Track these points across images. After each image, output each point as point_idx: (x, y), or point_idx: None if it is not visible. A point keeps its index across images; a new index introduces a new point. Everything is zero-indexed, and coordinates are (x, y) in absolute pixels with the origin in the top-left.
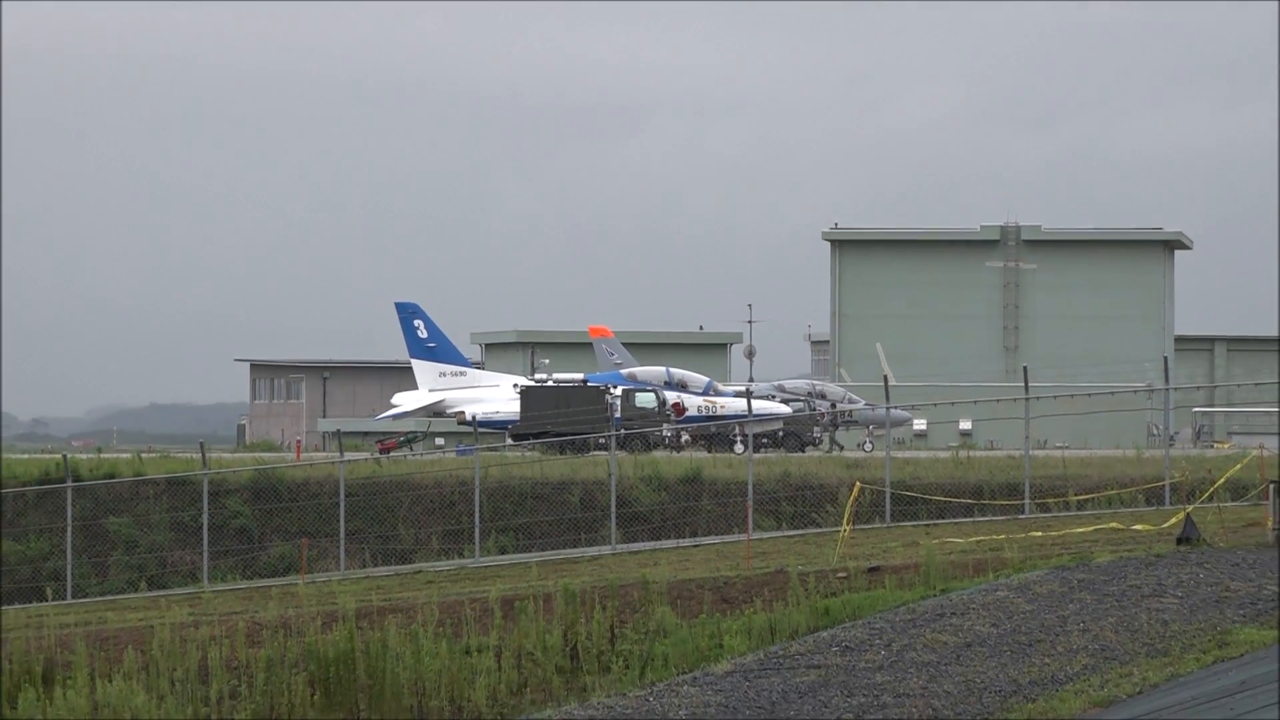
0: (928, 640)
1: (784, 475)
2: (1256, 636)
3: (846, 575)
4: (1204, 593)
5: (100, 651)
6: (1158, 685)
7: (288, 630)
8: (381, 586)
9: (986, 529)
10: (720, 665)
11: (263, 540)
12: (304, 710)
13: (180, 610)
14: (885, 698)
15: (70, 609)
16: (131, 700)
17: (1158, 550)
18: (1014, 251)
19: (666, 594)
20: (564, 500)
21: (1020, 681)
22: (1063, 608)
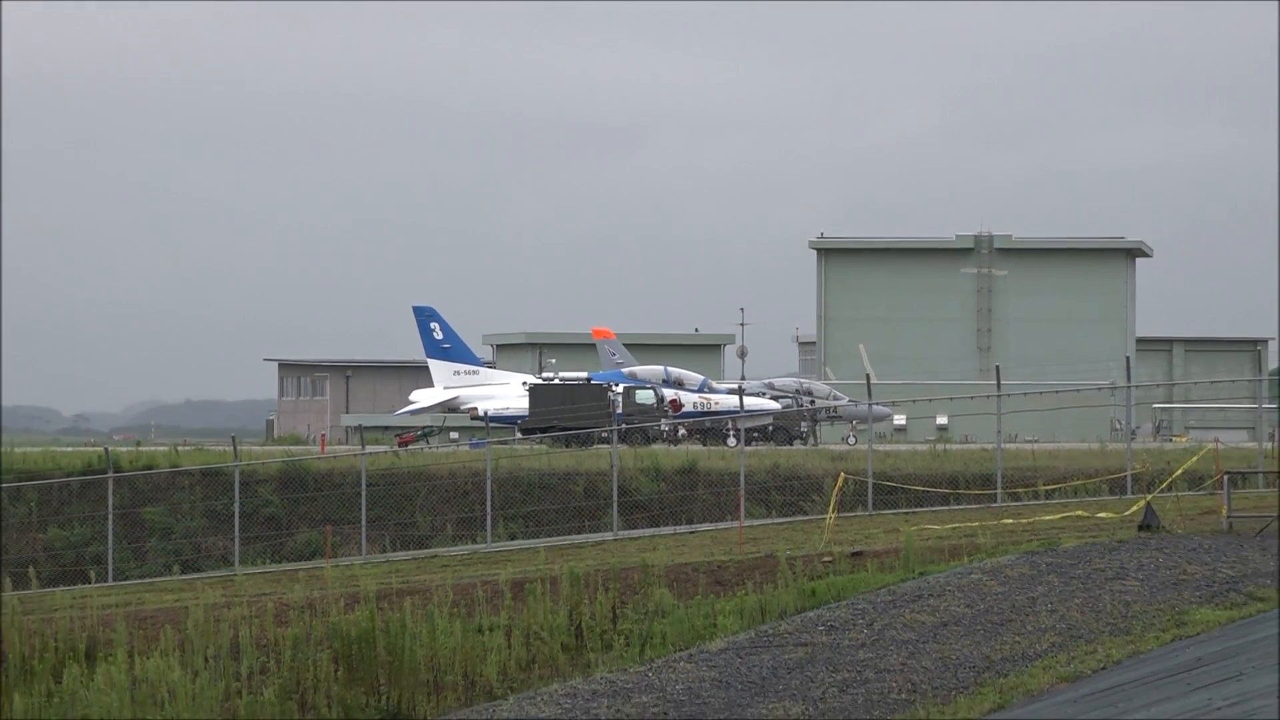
0: (907, 620)
1: (774, 467)
2: (1212, 616)
3: (831, 559)
4: (1163, 576)
5: (139, 630)
6: (1120, 662)
7: (313, 610)
8: (400, 570)
9: (961, 516)
10: (714, 643)
11: (290, 527)
12: (328, 685)
13: (213, 592)
14: (867, 673)
15: (111, 591)
16: (168, 675)
17: (1120, 536)
18: (987, 259)
19: (664, 577)
20: (569, 490)
21: (992, 658)
22: (1032, 589)
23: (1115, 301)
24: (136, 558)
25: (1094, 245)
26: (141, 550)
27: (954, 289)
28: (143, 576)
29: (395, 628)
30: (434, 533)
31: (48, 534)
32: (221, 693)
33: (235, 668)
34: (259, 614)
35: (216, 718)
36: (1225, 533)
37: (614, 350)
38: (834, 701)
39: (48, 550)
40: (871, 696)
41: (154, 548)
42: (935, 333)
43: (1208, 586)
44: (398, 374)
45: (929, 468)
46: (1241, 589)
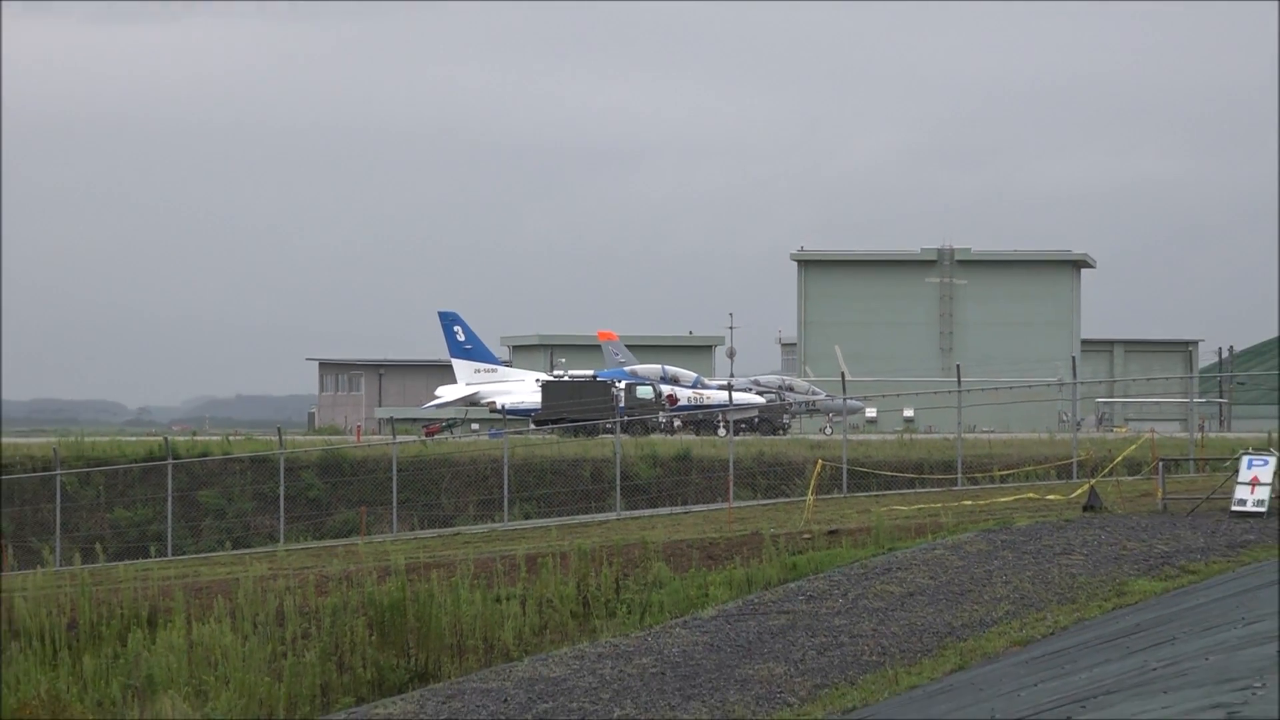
0: (877, 590)
1: (759, 454)
2: (1148, 587)
3: (810, 537)
4: (1105, 551)
5: (195, 599)
6: (1066, 627)
7: (350, 582)
8: (427, 546)
9: (926, 499)
10: (706, 611)
11: (329, 508)
12: (363, 648)
13: (261, 566)
14: (842, 638)
15: (170, 564)
16: (221, 639)
17: (1067, 516)
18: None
19: (662, 552)
20: (577, 475)
21: (954, 624)
22: (988, 564)
23: (1062, 307)
24: (193, 535)
25: (1043, 258)
26: (197, 528)
27: (919, 296)
28: (198, 552)
29: (423, 597)
30: (457, 513)
31: (114, 514)
32: (268, 655)
33: (281, 633)
34: (301, 585)
35: (264, 677)
36: (1160, 513)
37: (617, 351)
38: (813, 663)
39: (114, 528)
40: (846, 658)
41: (208, 526)
42: (902, 335)
43: (1145, 561)
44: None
45: (897, 455)
46: (1175, 563)
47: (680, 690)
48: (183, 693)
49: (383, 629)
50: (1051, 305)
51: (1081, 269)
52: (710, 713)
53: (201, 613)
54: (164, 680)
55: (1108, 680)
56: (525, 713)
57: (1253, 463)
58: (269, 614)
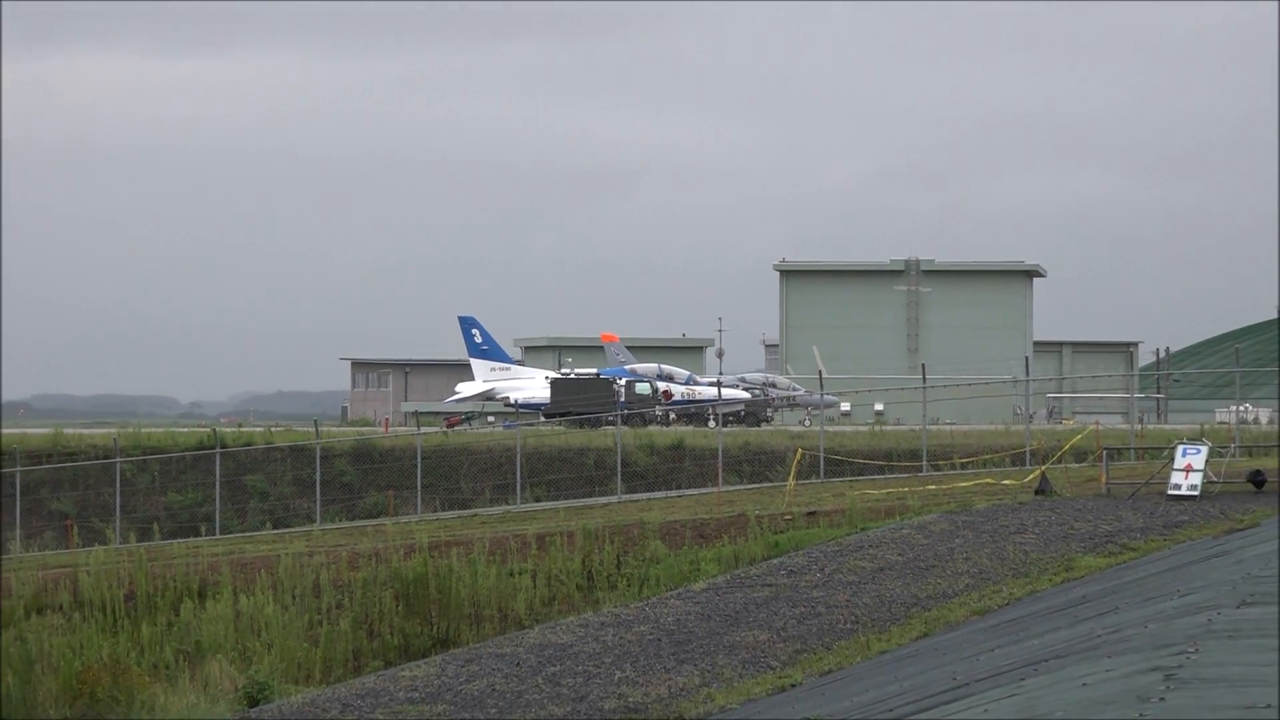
0: (851, 566)
1: (745, 444)
2: (1094, 563)
3: (791, 518)
4: (1055, 530)
5: (240, 573)
6: (1020, 599)
7: (378, 558)
8: (447, 526)
9: (894, 484)
10: (698, 584)
11: (360, 492)
12: (391, 617)
13: (299, 543)
14: (820, 608)
15: (218, 542)
16: (264, 609)
17: (1021, 499)
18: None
19: (658, 531)
20: (582, 462)
21: (919, 596)
22: (950, 542)
23: (1017, 312)
24: (238, 516)
25: (999, 268)
26: (242, 510)
27: (888, 303)
28: (243, 531)
29: (444, 572)
30: (474, 496)
31: (167, 497)
32: (306, 623)
33: (317, 603)
34: (335, 561)
35: (302, 643)
36: (1104, 496)
37: (618, 351)
38: (793, 631)
39: (167, 510)
40: (823, 626)
41: (252, 508)
42: (873, 338)
43: (1090, 539)
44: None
45: (868, 445)
46: (1117, 541)
47: (674, 655)
48: (229, 657)
49: (408, 600)
50: (1006, 310)
51: (1033, 278)
52: (701, 675)
53: (246, 585)
54: (212, 646)
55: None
56: (535, 675)
57: (1187, 451)
58: (306, 587)
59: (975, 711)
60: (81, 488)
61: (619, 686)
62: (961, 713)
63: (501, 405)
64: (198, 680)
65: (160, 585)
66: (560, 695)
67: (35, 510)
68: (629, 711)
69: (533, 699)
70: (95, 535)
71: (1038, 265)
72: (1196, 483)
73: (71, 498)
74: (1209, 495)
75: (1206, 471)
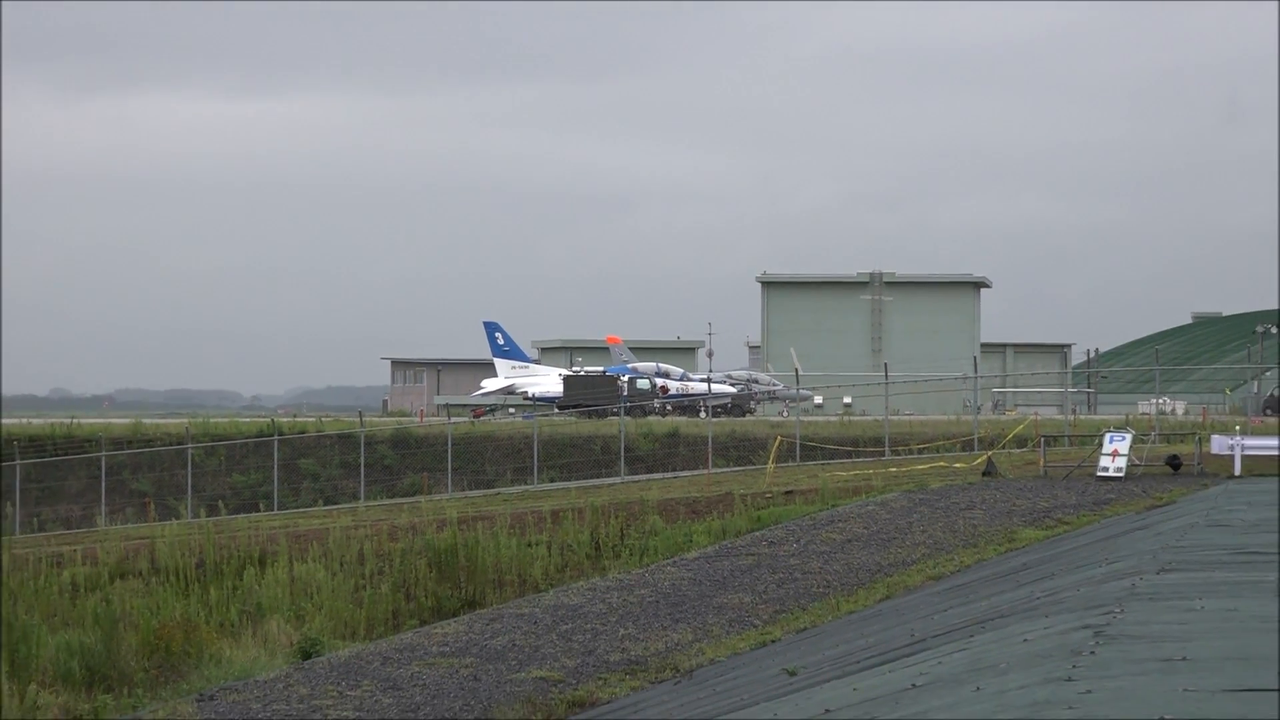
0: (823, 538)
1: (731, 432)
2: (1033, 535)
3: (771, 496)
4: (999, 507)
5: (295, 544)
6: (970, 566)
7: (414, 531)
8: (474, 503)
9: (860, 466)
10: (691, 553)
11: (399, 473)
12: (425, 582)
13: (345, 518)
14: (796, 574)
15: (275, 517)
16: (315, 575)
17: (969, 480)
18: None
19: (656, 508)
20: (590, 448)
21: (882, 564)
22: (909, 517)
23: (966, 318)
24: (293, 494)
25: (951, 279)
26: (297, 489)
27: (855, 310)
28: (297, 507)
29: (471, 543)
30: (497, 477)
31: (232, 478)
32: (351, 587)
33: (361, 570)
34: (377, 533)
35: (348, 604)
36: (1042, 477)
37: (621, 352)
38: (773, 593)
39: (232, 489)
40: (799, 589)
41: (305, 487)
42: (843, 340)
43: (1030, 514)
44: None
45: (838, 433)
46: (1053, 516)
47: (670, 614)
48: (285, 616)
49: (440, 567)
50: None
51: (980, 288)
52: (694, 632)
53: (300, 555)
54: (270, 606)
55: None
56: (550, 632)
57: (1113, 438)
58: (352, 556)
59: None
60: (158, 470)
61: (622, 642)
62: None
63: (520, 399)
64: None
65: (226, 554)
66: (572, 649)
67: (118, 489)
68: (631, 663)
69: (548, 652)
70: (170, 511)
71: (984, 277)
72: (1122, 465)
73: (149, 478)
74: (1132, 476)
75: (1130, 456)
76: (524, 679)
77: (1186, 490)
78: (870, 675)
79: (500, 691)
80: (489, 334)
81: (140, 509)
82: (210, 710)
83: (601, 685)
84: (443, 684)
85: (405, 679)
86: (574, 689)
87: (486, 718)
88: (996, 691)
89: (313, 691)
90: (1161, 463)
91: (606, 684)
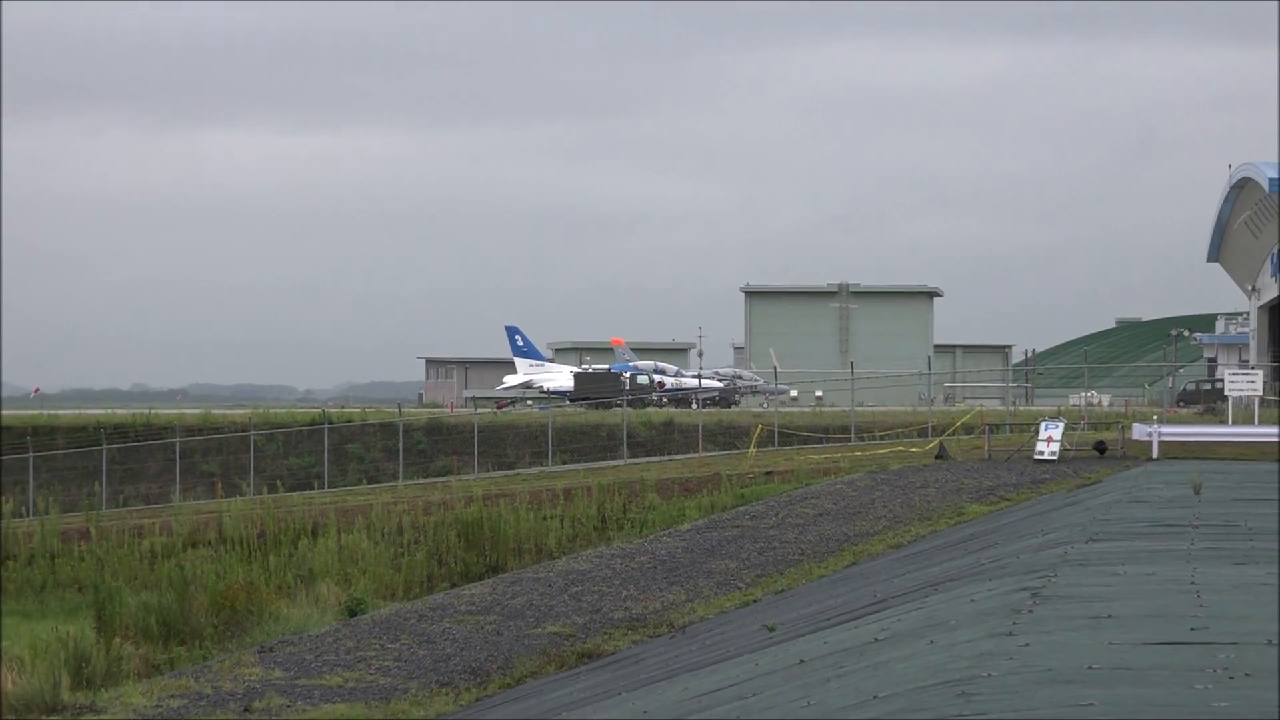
0: (798, 512)
1: (719, 421)
2: (979, 509)
3: (753, 476)
4: (950, 485)
5: (342, 518)
6: (924, 536)
7: (445, 506)
8: (497, 483)
9: (830, 450)
10: (684, 525)
11: (432, 457)
12: (455, 550)
13: (386, 495)
14: (775, 543)
15: (326, 495)
16: (360, 544)
17: (924, 462)
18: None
19: (654, 486)
20: (597, 435)
21: (849, 534)
22: (872, 494)
23: (921, 323)
24: (341, 475)
25: (909, 290)
26: (344, 470)
27: (826, 316)
28: (344, 486)
29: (494, 516)
30: (517, 460)
31: (288, 461)
32: (391, 555)
33: (399, 540)
34: (413, 508)
35: (388, 569)
36: (986, 460)
37: (624, 352)
38: (755, 560)
39: (288, 470)
40: (778, 556)
41: (351, 469)
42: (815, 342)
43: (976, 492)
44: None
45: (811, 422)
46: (996, 494)
47: (666, 578)
48: (334, 579)
49: (467, 538)
50: (913, 322)
51: (933, 297)
52: (686, 594)
53: (347, 526)
54: (321, 571)
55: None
56: (563, 593)
57: (1048, 426)
58: (392, 527)
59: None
60: (224, 454)
61: (625, 602)
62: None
63: (537, 393)
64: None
65: (283, 526)
66: (581, 608)
67: (190, 471)
68: (633, 620)
69: (561, 610)
70: (234, 489)
71: (936, 288)
72: (1055, 450)
73: (217, 461)
74: (1065, 459)
75: (1063, 442)
76: (540, 633)
77: (1111, 471)
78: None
79: (520, 644)
80: (510, 336)
81: (209, 487)
82: (270, 660)
83: (607, 639)
84: (470, 638)
85: (438, 633)
86: (583, 642)
87: (508, 667)
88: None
89: (358, 644)
90: (1090, 448)
91: (611, 638)
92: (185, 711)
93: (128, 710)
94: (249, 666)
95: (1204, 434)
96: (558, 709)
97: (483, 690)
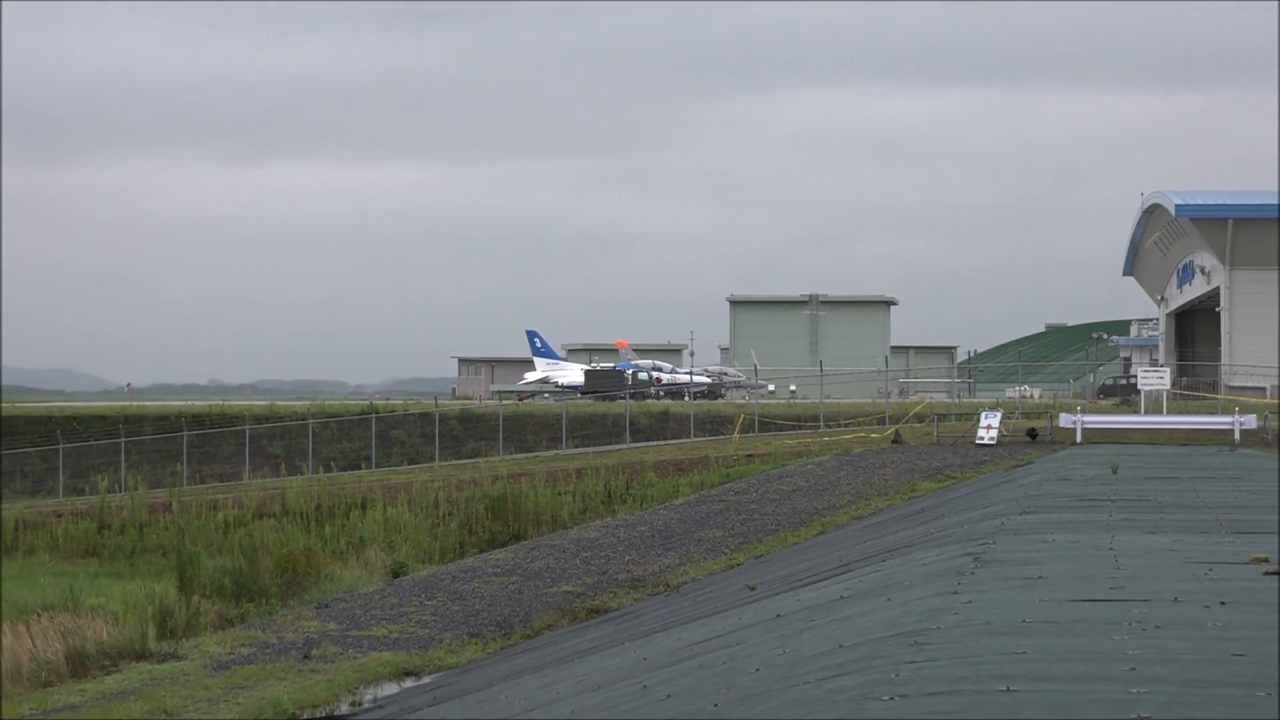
0: (776, 489)
1: (708, 411)
2: (930, 486)
3: (736, 458)
4: (904, 466)
5: (387, 493)
6: (882, 509)
7: (475, 484)
8: (519, 464)
9: (803, 436)
10: (678, 500)
11: (464, 441)
12: (483, 521)
13: (424, 474)
14: (756, 516)
15: (373, 474)
16: (402, 516)
17: (882, 446)
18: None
19: (652, 467)
20: (604, 423)
21: (818, 508)
22: (838, 473)
23: (880, 327)
24: (386, 457)
25: (869, 299)
26: (389, 453)
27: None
28: (389, 466)
29: (516, 492)
30: (536, 444)
31: (341, 445)
32: (429, 524)
33: (436, 512)
34: (447, 486)
35: (426, 537)
36: (935, 444)
37: (627, 352)
38: (738, 530)
39: (341, 453)
40: (757, 527)
41: (395, 451)
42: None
43: (927, 471)
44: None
45: (787, 412)
46: (944, 473)
47: (663, 545)
48: (380, 546)
49: (494, 510)
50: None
51: (890, 306)
52: (680, 558)
53: (390, 501)
54: (369, 539)
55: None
56: (574, 558)
57: (987, 416)
58: (430, 501)
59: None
60: (287, 439)
61: (628, 565)
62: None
63: (553, 387)
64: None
65: (336, 501)
66: (590, 570)
67: (258, 453)
68: (634, 581)
69: (573, 572)
70: (295, 469)
71: (892, 298)
72: (994, 436)
73: (281, 445)
74: (1001, 444)
75: (1000, 429)
76: (555, 592)
77: (1041, 454)
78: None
79: (538, 601)
80: (530, 339)
81: (274, 468)
82: (325, 615)
83: (612, 597)
84: (496, 596)
85: (469, 592)
86: (592, 599)
87: (528, 621)
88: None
89: (401, 601)
90: (1023, 434)
91: (616, 596)
92: (254, 658)
93: (205, 657)
94: (308, 620)
95: (1120, 422)
96: (570, 656)
97: (507, 640)
